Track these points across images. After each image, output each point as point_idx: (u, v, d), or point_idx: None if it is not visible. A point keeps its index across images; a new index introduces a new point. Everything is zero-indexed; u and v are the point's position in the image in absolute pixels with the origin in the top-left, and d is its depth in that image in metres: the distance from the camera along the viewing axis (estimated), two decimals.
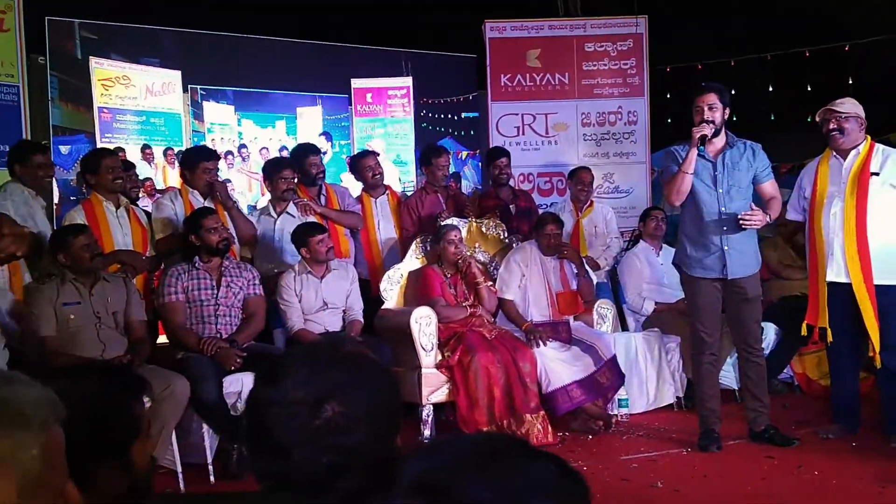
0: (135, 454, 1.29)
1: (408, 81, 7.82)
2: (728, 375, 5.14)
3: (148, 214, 4.83)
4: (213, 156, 4.98)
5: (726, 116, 4.16)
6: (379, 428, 1.12)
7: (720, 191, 4.12)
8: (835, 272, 4.21)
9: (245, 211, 5.50)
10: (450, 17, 7.56)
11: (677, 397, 5.26)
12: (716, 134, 4.09)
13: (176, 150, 6.63)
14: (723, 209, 4.11)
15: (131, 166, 5.48)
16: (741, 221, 4.00)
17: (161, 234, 4.67)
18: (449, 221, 5.21)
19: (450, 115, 8.16)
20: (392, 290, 5.14)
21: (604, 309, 5.25)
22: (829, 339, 4.30)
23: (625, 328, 5.62)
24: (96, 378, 1.36)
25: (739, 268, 4.16)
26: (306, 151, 5.38)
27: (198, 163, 4.78)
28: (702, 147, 4.05)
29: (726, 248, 4.11)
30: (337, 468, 1.08)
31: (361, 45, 7.75)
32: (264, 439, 1.11)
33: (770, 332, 5.34)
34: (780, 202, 4.23)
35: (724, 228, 4.11)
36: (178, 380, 3.77)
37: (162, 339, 4.57)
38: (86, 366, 3.00)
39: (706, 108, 4.08)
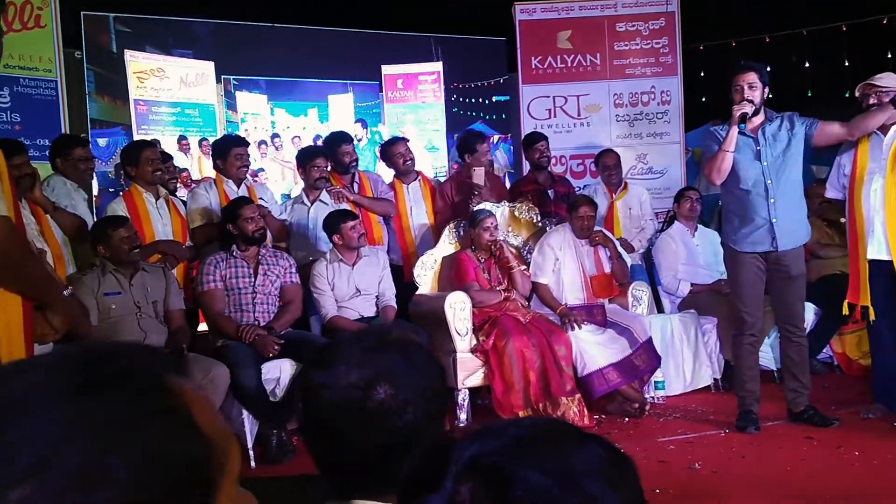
0: None
1: (438, 66, 7.81)
2: (766, 356, 5.09)
3: (185, 204, 4.91)
4: (242, 142, 5.05)
5: (766, 96, 4.11)
6: (429, 409, 1.15)
7: (764, 164, 4.08)
8: (876, 249, 4.14)
9: (279, 200, 5.55)
10: (479, 1, 7.51)
11: (714, 379, 5.22)
12: (756, 113, 4.05)
13: (211, 140, 6.72)
14: (768, 182, 4.07)
15: (168, 158, 5.56)
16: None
17: (197, 224, 4.74)
18: (482, 206, 5.21)
19: (480, 100, 8.13)
20: (426, 275, 5.17)
21: (639, 291, 5.22)
22: (872, 317, 4.24)
23: (660, 310, 5.59)
24: (141, 355, 1.39)
25: (789, 240, 4.12)
26: (339, 140, 5.39)
27: (229, 150, 4.84)
28: (742, 125, 4.01)
29: (774, 220, 4.08)
30: (390, 449, 1.11)
31: (391, 31, 7.75)
32: (318, 423, 1.14)
33: (809, 312, 5.27)
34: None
35: (772, 201, 4.07)
36: (217, 367, 3.83)
37: (202, 327, 4.65)
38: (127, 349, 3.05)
39: (746, 87, 4.03)
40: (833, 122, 4.15)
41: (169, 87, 6.70)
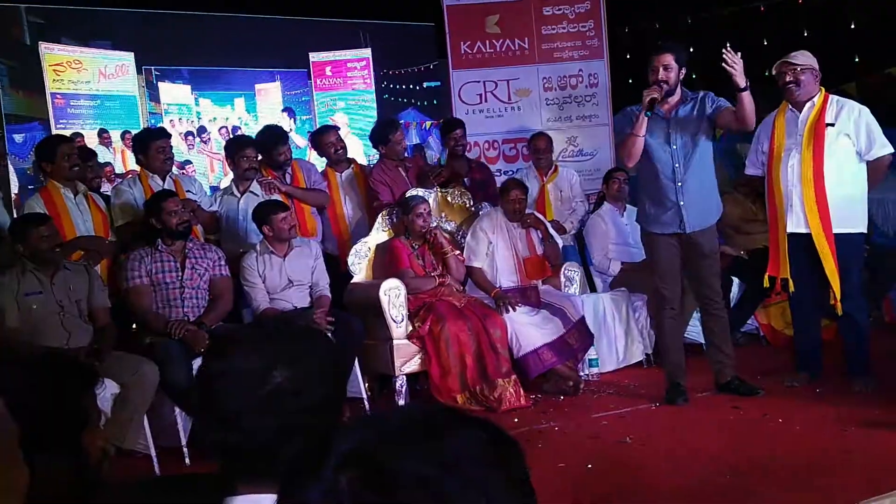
0: (85, 444, 1.30)
1: (367, 53, 7.76)
2: (695, 330, 5.22)
3: (108, 199, 4.78)
4: (163, 134, 4.93)
5: (682, 76, 4.18)
6: (327, 392, 1.15)
7: (674, 147, 4.16)
8: (794, 223, 4.27)
9: (207, 192, 5.44)
10: None
11: (646, 354, 5.34)
12: (670, 94, 4.12)
13: (133, 132, 6.56)
14: (677, 165, 4.16)
15: (93, 155, 5.38)
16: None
17: (122, 221, 4.62)
18: (414, 192, 5.20)
19: (411, 86, 8.11)
20: (360, 263, 5.14)
21: (571, 272, 5.30)
22: (792, 289, 4.38)
23: (593, 289, 5.68)
24: (43, 370, 1.36)
25: (697, 221, 4.21)
26: (275, 141, 5.22)
27: (149, 143, 4.72)
28: (649, 112, 4.04)
29: (682, 203, 4.17)
30: (286, 431, 1.11)
31: (318, 17, 7.65)
32: (213, 410, 1.13)
33: (734, 285, 5.43)
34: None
35: (680, 185, 4.16)
36: (146, 365, 3.75)
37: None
38: (37, 358, 2.99)
39: (661, 69, 4.09)
40: (726, 110, 4.09)
41: (87, 80, 6.51)
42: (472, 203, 5.52)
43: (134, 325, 4.37)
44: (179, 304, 4.20)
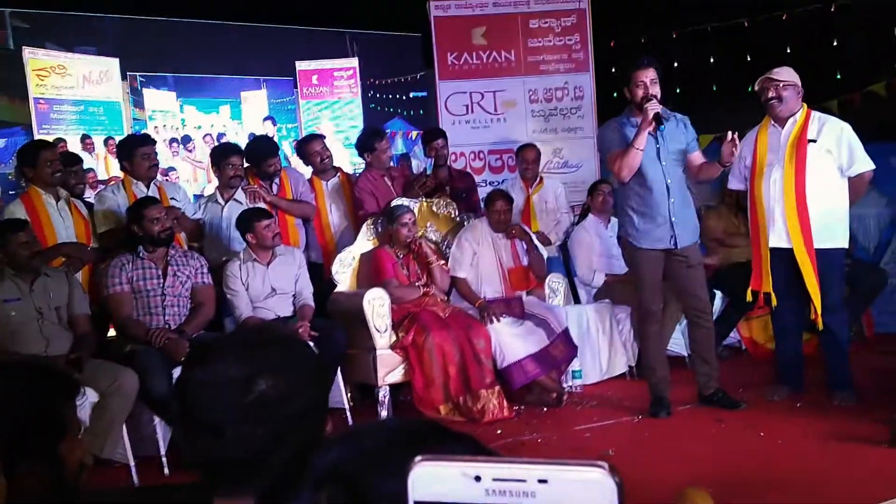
0: (63, 454, 1.28)
1: (354, 62, 7.76)
2: (679, 342, 5.25)
3: (91, 206, 4.74)
4: (148, 140, 4.89)
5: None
6: (311, 402, 1.14)
7: (664, 163, 4.17)
8: (777, 238, 4.30)
9: (191, 199, 5.41)
10: None
11: (629, 366, 5.35)
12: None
13: (117, 139, 6.52)
14: (669, 181, 4.17)
15: (77, 160, 5.32)
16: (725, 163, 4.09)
17: (104, 228, 4.58)
18: (400, 202, 5.19)
19: (398, 95, 8.12)
20: (345, 272, 5.12)
21: (555, 283, 5.31)
22: (774, 303, 4.40)
23: (577, 301, 5.69)
24: (23, 378, 1.34)
25: (686, 237, 4.24)
26: (266, 152, 5.18)
27: (134, 150, 4.69)
28: (663, 127, 4.07)
29: (674, 218, 4.18)
30: (271, 440, 1.09)
31: (305, 26, 7.66)
32: (196, 421, 1.11)
33: (717, 299, 5.46)
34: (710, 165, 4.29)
35: (672, 200, 4.18)
36: (125, 373, 3.71)
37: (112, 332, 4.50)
38: (15, 365, 2.96)
39: (649, 83, 4.11)
40: (697, 156, 4.26)
41: (71, 85, 6.45)
42: (457, 213, 5.52)
43: (114, 333, 4.33)
44: (160, 311, 4.16)
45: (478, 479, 0.58)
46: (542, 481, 0.57)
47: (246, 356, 1.12)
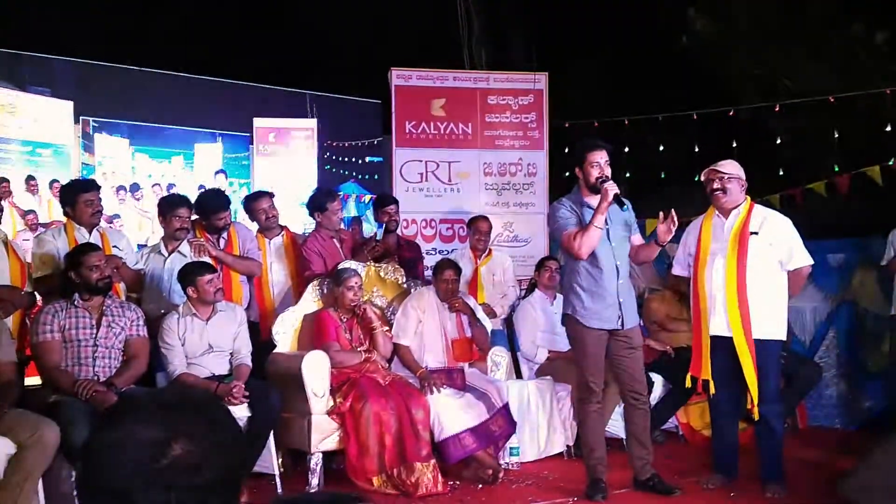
0: None
1: (312, 123, 7.80)
2: (616, 425, 5.23)
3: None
4: (92, 186, 4.80)
5: None
6: (227, 469, 1.09)
7: (613, 244, 4.24)
8: (717, 326, 4.36)
9: (134, 248, 5.29)
10: (356, 62, 7.61)
11: (567, 446, 5.31)
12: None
13: (62, 182, 6.39)
14: (617, 262, 4.24)
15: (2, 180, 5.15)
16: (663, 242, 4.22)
17: (41, 273, 4.44)
18: (347, 265, 5.15)
19: (354, 159, 8.17)
20: (286, 333, 5.03)
21: (498, 356, 5.29)
22: (712, 391, 4.44)
23: (519, 376, 5.67)
24: None
25: (631, 318, 4.29)
26: (216, 207, 5.11)
27: (76, 196, 4.59)
28: (626, 207, 4.20)
29: (622, 299, 4.23)
30: None
31: (267, 84, 7.70)
32: (101, 483, 1.05)
33: (658, 383, 5.49)
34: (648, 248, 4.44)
35: (620, 281, 4.23)
36: (47, 425, 3.54)
37: (35, 380, 4.31)
38: None
39: (603, 164, 4.21)
40: (637, 238, 4.42)
41: (20, 125, 6.33)
42: (404, 280, 5.50)
43: (40, 382, 4.15)
44: (91, 362, 4.01)
45: None
46: None
47: (163, 418, 1.08)
